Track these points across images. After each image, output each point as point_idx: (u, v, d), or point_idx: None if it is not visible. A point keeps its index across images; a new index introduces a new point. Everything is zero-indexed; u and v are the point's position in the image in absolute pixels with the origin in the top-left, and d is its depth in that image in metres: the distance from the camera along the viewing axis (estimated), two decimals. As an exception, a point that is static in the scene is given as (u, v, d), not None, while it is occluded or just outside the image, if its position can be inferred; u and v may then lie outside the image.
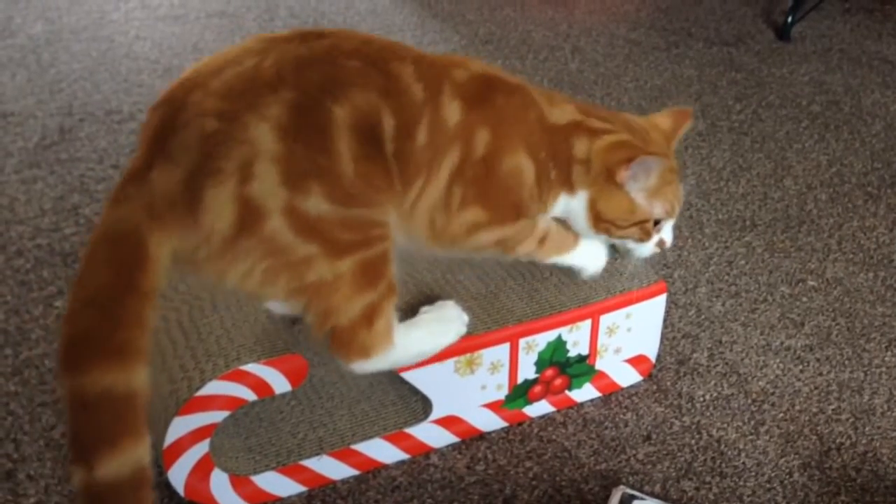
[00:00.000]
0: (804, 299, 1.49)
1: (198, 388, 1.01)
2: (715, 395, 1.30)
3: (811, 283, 1.53)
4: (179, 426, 1.02)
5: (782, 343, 1.40)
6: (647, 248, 1.14)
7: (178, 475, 1.05)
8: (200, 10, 2.54)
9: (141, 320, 0.85)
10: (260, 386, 1.04)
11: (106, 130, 1.93)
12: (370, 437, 1.16)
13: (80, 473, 0.80)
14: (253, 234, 0.90)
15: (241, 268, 0.92)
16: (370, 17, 2.52)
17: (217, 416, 1.03)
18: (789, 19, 2.42)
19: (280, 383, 1.05)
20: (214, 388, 1.01)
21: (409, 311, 1.10)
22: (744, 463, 1.20)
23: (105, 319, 0.83)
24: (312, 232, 0.92)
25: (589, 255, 1.18)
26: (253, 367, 1.03)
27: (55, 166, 1.80)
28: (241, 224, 0.89)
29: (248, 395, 1.04)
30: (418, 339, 1.06)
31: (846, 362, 1.37)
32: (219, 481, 1.08)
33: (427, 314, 1.09)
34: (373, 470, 1.17)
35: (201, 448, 1.04)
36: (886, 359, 1.37)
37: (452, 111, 1.01)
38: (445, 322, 1.10)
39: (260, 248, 0.91)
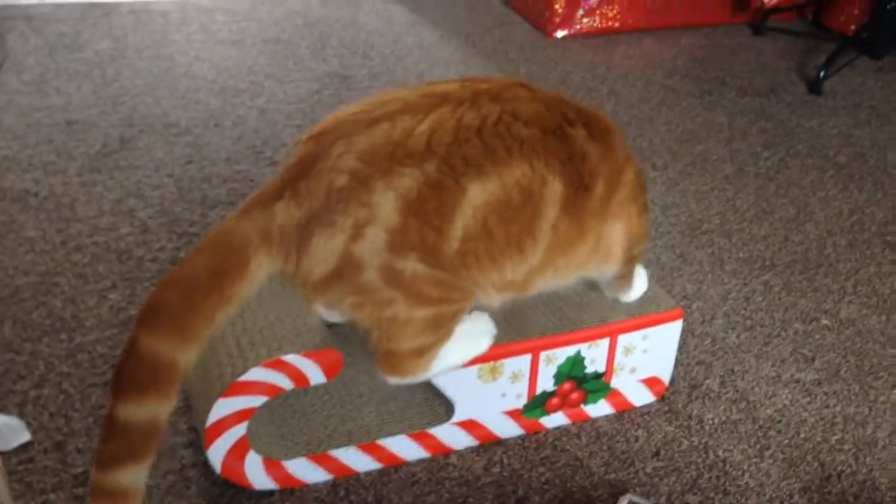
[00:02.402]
0: (817, 336, 1.56)
1: (241, 374, 1.10)
2: (724, 419, 1.37)
3: (825, 322, 1.60)
4: (222, 407, 1.10)
5: (792, 376, 1.46)
6: None
7: (217, 454, 1.13)
8: (256, 36, 2.67)
9: (212, 317, 0.95)
10: (297, 376, 1.13)
11: (163, 142, 2.04)
12: (395, 434, 1.24)
13: (109, 403, 0.92)
14: (347, 281, 1.01)
15: (328, 298, 1.04)
16: (417, 51, 2.64)
17: (256, 400, 1.12)
18: (822, 74, 2.50)
19: (316, 375, 1.14)
20: (256, 374, 1.10)
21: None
22: (747, 483, 1.26)
23: (183, 302, 0.94)
24: (401, 284, 1.02)
25: (641, 280, 1.32)
26: (293, 358, 1.11)
27: (114, 172, 1.92)
28: (339, 273, 1.00)
29: (286, 383, 1.12)
30: (450, 356, 1.14)
31: (853, 397, 1.42)
32: (253, 463, 1.16)
33: (461, 325, 1.17)
34: (395, 465, 1.24)
35: (239, 430, 1.13)
36: (892, 396, 1.43)
37: (629, 175, 1.17)
38: (476, 336, 1.18)
39: (350, 289, 1.02)
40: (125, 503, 0.93)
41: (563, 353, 1.27)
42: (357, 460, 1.23)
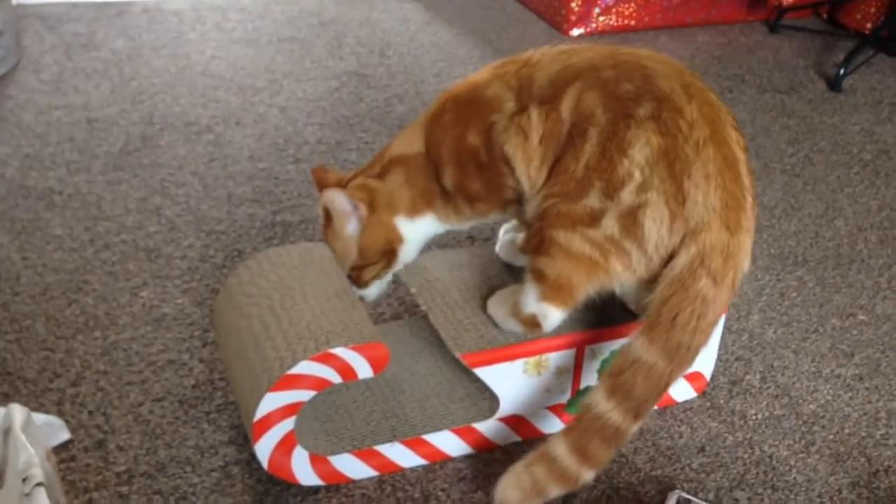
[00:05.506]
0: (854, 332, 1.55)
1: (290, 367, 1.08)
2: (767, 414, 1.35)
3: (861, 317, 1.59)
4: (270, 402, 1.09)
5: (832, 371, 1.45)
6: None
7: (264, 449, 1.12)
8: (272, 35, 2.65)
9: None
10: (345, 370, 1.11)
11: (185, 140, 2.03)
12: (439, 430, 1.22)
13: None
14: None
15: None
16: (434, 50, 2.62)
17: (305, 394, 1.10)
18: (841, 71, 2.49)
19: (364, 369, 1.12)
20: (305, 367, 1.09)
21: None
22: (795, 478, 1.25)
23: None
24: None
25: None
26: (341, 351, 1.10)
27: (138, 170, 1.90)
28: None
29: (335, 377, 1.11)
30: None
31: (895, 392, 1.41)
32: (299, 458, 1.14)
33: None
34: (440, 461, 1.23)
35: (287, 424, 1.11)
36: (934, 391, 1.42)
37: None
38: None
39: None
40: None
41: (607, 348, 1.26)
42: (402, 456, 1.21)
